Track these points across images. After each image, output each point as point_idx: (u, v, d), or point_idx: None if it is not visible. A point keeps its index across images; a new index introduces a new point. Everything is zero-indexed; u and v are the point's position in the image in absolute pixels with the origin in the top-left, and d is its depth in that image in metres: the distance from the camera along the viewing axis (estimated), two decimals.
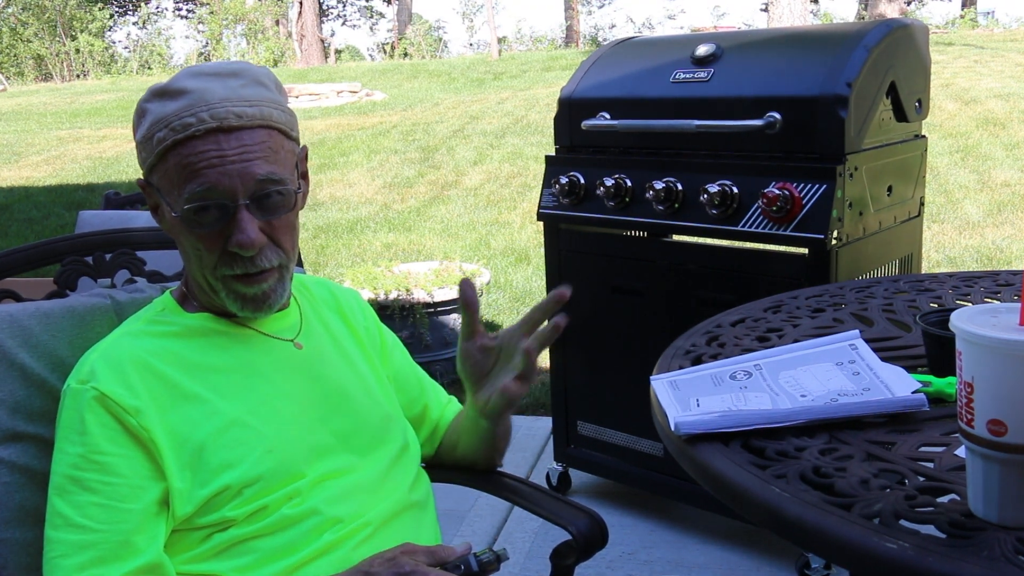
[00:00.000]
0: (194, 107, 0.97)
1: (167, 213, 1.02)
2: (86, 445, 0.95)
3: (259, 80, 1.02)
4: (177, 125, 0.97)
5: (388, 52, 24.61)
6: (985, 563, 0.63)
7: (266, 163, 0.99)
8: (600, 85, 2.24)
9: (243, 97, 0.99)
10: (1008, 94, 8.22)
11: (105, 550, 0.93)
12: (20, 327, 1.08)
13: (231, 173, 0.97)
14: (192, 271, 1.06)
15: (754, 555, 2.16)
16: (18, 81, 22.14)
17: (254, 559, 0.98)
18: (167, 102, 0.99)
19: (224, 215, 0.99)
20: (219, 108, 0.97)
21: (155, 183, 1.02)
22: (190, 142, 0.97)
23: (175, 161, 0.97)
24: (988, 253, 4.85)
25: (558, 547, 1.14)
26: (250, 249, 0.99)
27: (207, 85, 0.98)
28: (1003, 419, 0.65)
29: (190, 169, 0.97)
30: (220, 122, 0.97)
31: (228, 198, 0.98)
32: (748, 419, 0.88)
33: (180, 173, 0.97)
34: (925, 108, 2.15)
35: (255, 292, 1.04)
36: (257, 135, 0.99)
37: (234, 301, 1.04)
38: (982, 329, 0.65)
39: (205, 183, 0.97)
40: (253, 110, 0.99)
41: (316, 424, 1.07)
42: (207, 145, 0.97)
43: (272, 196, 1.00)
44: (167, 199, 1.00)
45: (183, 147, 0.97)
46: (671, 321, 2.10)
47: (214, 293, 1.05)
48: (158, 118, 0.98)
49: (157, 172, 1.01)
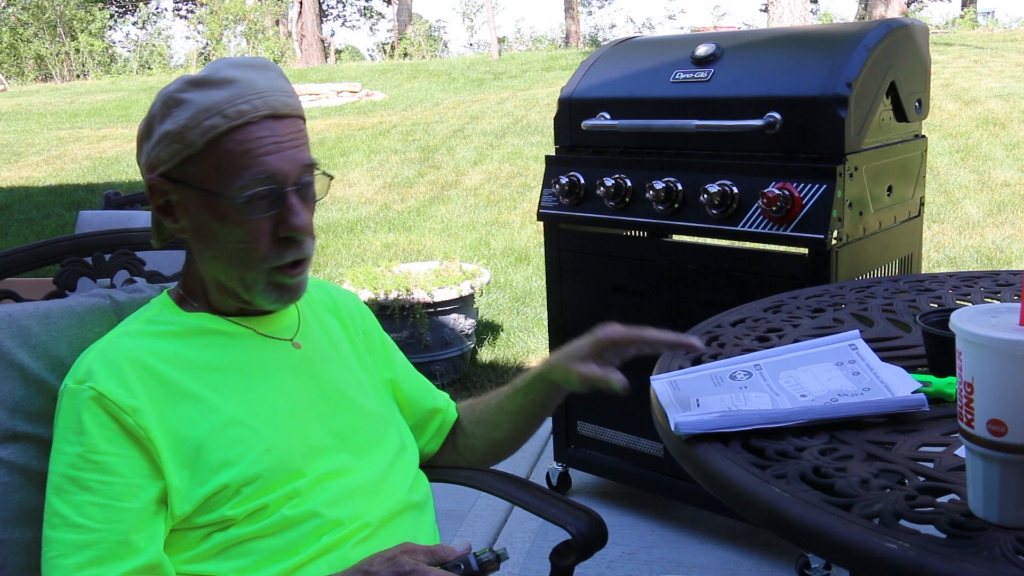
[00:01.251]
0: (246, 95, 0.97)
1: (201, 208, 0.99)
2: (84, 445, 0.95)
3: (283, 75, 1.05)
4: (231, 112, 0.96)
5: (388, 52, 24.62)
6: (985, 563, 0.63)
7: (306, 149, 1.03)
8: (600, 85, 2.24)
9: (281, 88, 1.01)
10: (1008, 94, 8.22)
11: (104, 549, 0.93)
12: (19, 327, 1.08)
13: (286, 158, 0.99)
14: (216, 271, 1.03)
15: (754, 555, 2.16)
16: (18, 81, 22.14)
17: (253, 560, 0.98)
18: (211, 91, 0.98)
19: (276, 203, 1.00)
20: (269, 96, 0.98)
21: (189, 177, 0.99)
22: (245, 128, 0.97)
23: (229, 148, 0.97)
24: (988, 253, 4.85)
25: (558, 547, 1.14)
26: (305, 232, 1.01)
27: (250, 75, 0.99)
28: (1003, 419, 0.65)
29: (249, 155, 0.97)
30: (273, 110, 0.98)
31: (280, 183, 0.99)
32: (748, 419, 0.88)
33: (236, 160, 0.97)
34: (925, 108, 2.15)
35: (295, 282, 1.05)
36: (297, 124, 1.02)
37: (270, 293, 1.04)
38: (982, 329, 0.65)
39: (265, 170, 0.97)
40: (292, 100, 1.02)
41: (314, 423, 1.07)
42: (262, 131, 0.97)
43: (311, 184, 1.03)
44: (211, 189, 0.98)
45: (238, 133, 0.97)
46: (671, 321, 2.10)
47: (247, 291, 1.03)
48: (205, 106, 0.97)
49: (197, 164, 0.98)
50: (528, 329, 4.07)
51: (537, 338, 3.93)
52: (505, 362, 3.70)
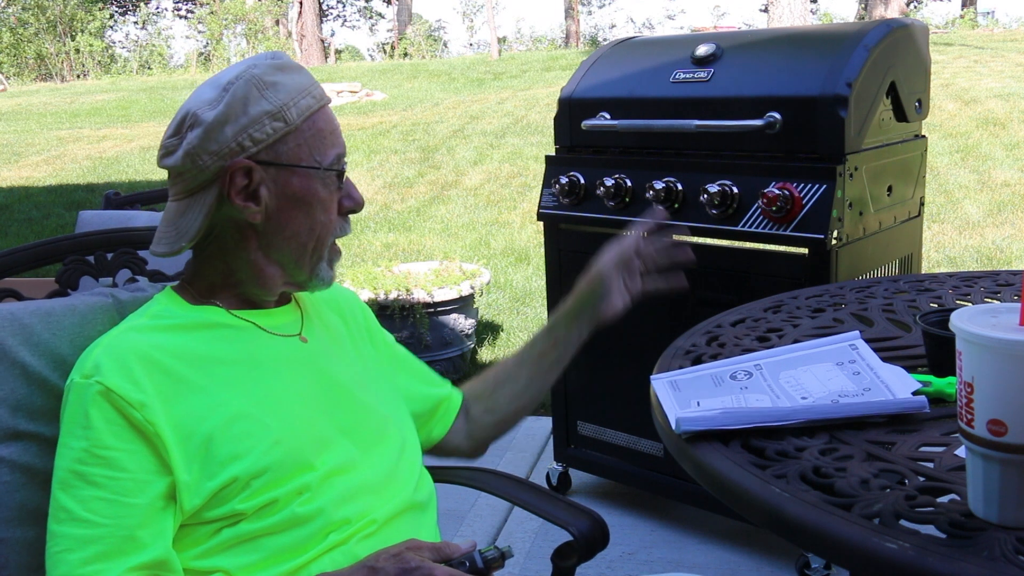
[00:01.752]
0: (314, 82, 1.07)
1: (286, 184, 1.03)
2: (90, 440, 0.95)
3: None
4: (317, 94, 1.05)
5: (388, 52, 24.63)
6: (985, 563, 0.63)
7: None
8: (600, 85, 2.24)
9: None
10: (1008, 94, 8.23)
11: (109, 545, 0.93)
12: (21, 325, 1.08)
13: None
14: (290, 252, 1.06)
15: (754, 555, 2.16)
16: (18, 81, 22.14)
17: (261, 557, 0.98)
18: (294, 75, 1.05)
19: (341, 178, 1.08)
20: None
21: (283, 155, 1.02)
22: (326, 109, 1.06)
23: (321, 126, 1.05)
24: (988, 253, 4.85)
25: (559, 547, 1.14)
26: (362, 207, 1.12)
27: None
28: (1003, 419, 0.65)
29: (335, 133, 1.07)
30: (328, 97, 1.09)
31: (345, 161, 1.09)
32: (749, 417, 0.89)
33: (326, 137, 1.05)
34: (925, 108, 2.15)
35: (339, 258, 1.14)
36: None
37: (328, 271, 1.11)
38: (982, 329, 0.65)
39: (342, 143, 1.08)
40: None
41: (321, 417, 1.07)
42: (330, 113, 1.08)
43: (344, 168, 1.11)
44: (304, 164, 1.04)
45: (324, 112, 1.06)
46: (671, 321, 2.10)
47: (311, 268, 1.09)
48: (299, 88, 1.04)
49: (291, 141, 1.03)
50: (528, 329, 4.08)
51: None
52: None
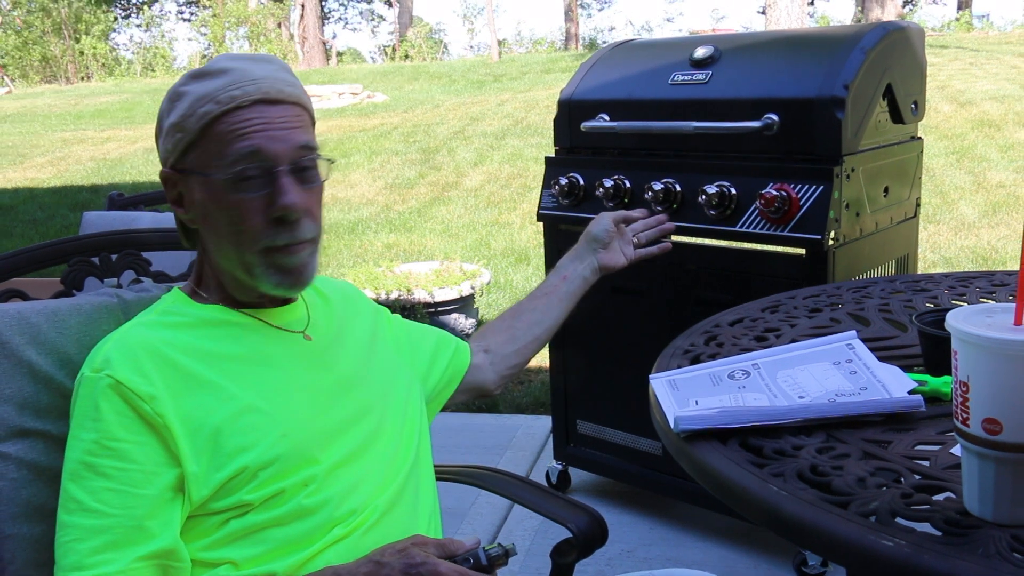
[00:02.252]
0: (238, 82, 1.01)
1: (200, 192, 1.03)
2: (100, 432, 0.96)
3: (287, 69, 1.08)
4: (224, 98, 1.00)
5: (389, 54, 24.62)
6: (980, 561, 0.64)
7: (304, 132, 1.04)
8: (599, 87, 2.25)
9: (279, 78, 1.04)
10: (1003, 96, 8.24)
11: (119, 534, 0.94)
12: (28, 324, 1.09)
13: (276, 138, 1.01)
14: (221, 257, 1.06)
15: (752, 553, 2.17)
16: (23, 83, 22.13)
17: (268, 549, 0.99)
18: (207, 81, 1.02)
19: (267, 182, 1.01)
20: (263, 83, 1.01)
21: (189, 164, 1.03)
22: (236, 112, 1.00)
23: (220, 130, 1.00)
24: (983, 253, 4.86)
25: (558, 545, 1.15)
26: (295, 212, 1.02)
27: (246, 65, 1.03)
28: (998, 418, 0.65)
29: (237, 134, 1.00)
30: (264, 94, 1.01)
31: (272, 162, 1.01)
32: (747, 415, 0.89)
33: (225, 140, 1.00)
34: (921, 110, 2.16)
35: (295, 263, 1.05)
36: (294, 110, 1.04)
37: (272, 276, 1.04)
38: (977, 329, 0.65)
39: (251, 145, 1.00)
40: (291, 89, 1.04)
41: (326, 412, 1.08)
42: (252, 114, 1.00)
43: (309, 167, 1.04)
44: (206, 173, 1.01)
45: (229, 116, 1.00)
46: (670, 321, 2.11)
47: (248, 275, 1.05)
48: (201, 95, 1.01)
49: (195, 150, 1.02)
50: None
51: None
52: None
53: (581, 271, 1.50)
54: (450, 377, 1.35)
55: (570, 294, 1.49)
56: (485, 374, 1.40)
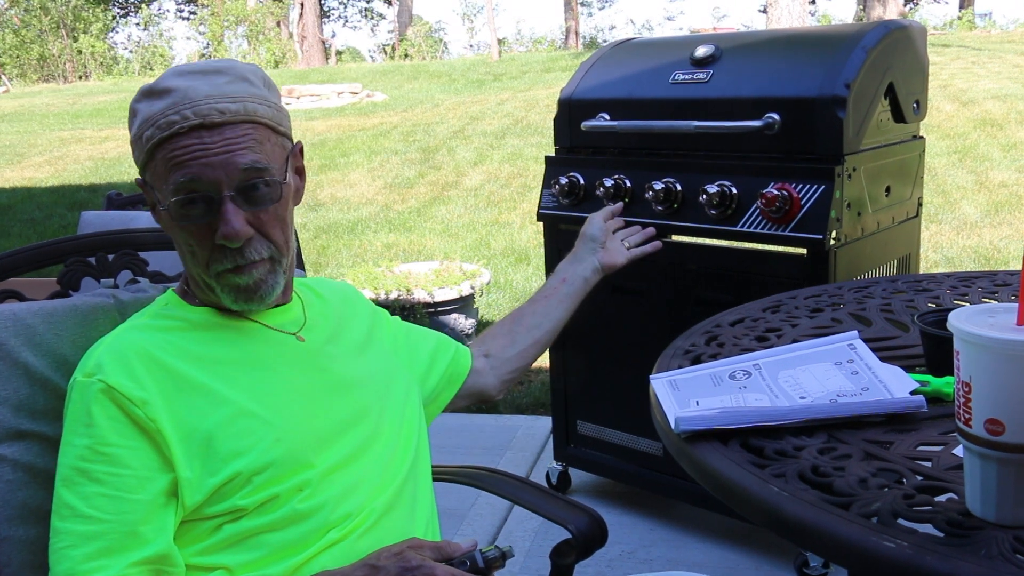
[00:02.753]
0: (178, 105, 0.99)
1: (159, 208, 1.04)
2: (93, 437, 0.96)
3: (244, 76, 1.03)
4: (163, 123, 0.99)
5: (389, 53, 24.64)
6: (983, 562, 0.63)
7: (251, 152, 1.00)
8: (600, 86, 2.24)
9: (226, 94, 1.00)
10: (1005, 95, 8.24)
11: (112, 540, 0.93)
12: (24, 325, 1.08)
13: (214, 164, 0.98)
14: (188, 268, 1.07)
15: (753, 554, 2.16)
16: (21, 82, 22.14)
17: (262, 554, 0.99)
18: (154, 102, 1.01)
19: (210, 208, 1.00)
20: (202, 105, 0.99)
21: (148, 181, 1.05)
22: (175, 139, 0.99)
23: (161, 156, 1.00)
24: (985, 253, 4.86)
25: (558, 545, 1.15)
26: (235, 240, 1.00)
27: (191, 83, 1.00)
28: (1000, 419, 0.65)
29: (174, 162, 0.99)
30: (203, 119, 0.98)
31: (213, 190, 0.99)
32: (748, 416, 0.89)
33: (166, 168, 1.00)
34: (923, 109, 2.16)
35: (247, 282, 1.04)
36: (240, 129, 1.00)
37: (228, 294, 1.05)
38: (980, 329, 0.65)
39: (188, 174, 0.98)
40: (236, 106, 1.00)
41: (321, 415, 1.08)
42: (190, 140, 0.98)
43: (258, 187, 1.01)
44: (157, 195, 1.03)
45: (169, 143, 0.99)
46: (671, 321, 2.11)
47: (210, 290, 1.06)
48: (146, 117, 1.01)
49: (148, 170, 1.03)
50: None
51: None
52: None
53: (581, 272, 1.53)
54: (449, 379, 1.34)
55: (570, 295, 1.51)
56: (486, 378, 1.40)
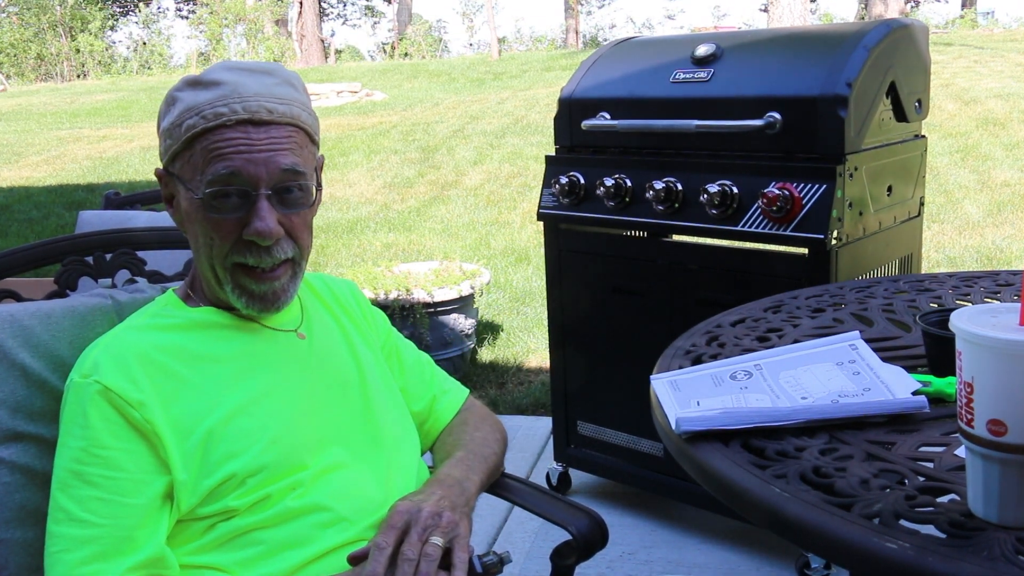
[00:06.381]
0: (227, 98, 0.99)
1: (183, 201, 1.03)
2: (88, 439, 0.95)
3: (290, 81, 1.05)
4: (209, 113, 0.99)
5: (388, 52, 24.64)
6: (985, 563, 0.63)
7: (292, 155, 1.01)
8: (600, 85, 2.24)
9: (275, 95, 1.01)
10: (1008, 94, 8.23)
11: (107, 545, 0.93)
12: (21, 327, 1.08)
13: (257, 161, 0.99)
14: (200, 262, 1.06)
15: (754, 555, 2.16)
16: (19, 81, 22.14)
17: (258, 552, 0.99)
18: (200, 91, 1.01)
19: (245, 203, 1.00)
20: (252, 102, 0.99)
21: (176, 171, 1.03)
22: (219, 130, 0.99)
23: (202, 147, 0.99)
24: (988, 253, 4.85)
25: (558, 547, 1.14)
26: (267, 238, 1.01)
27: (241, 79, 1.01)
28: (1003, 419, 0.65)
29: (216, 154, 0.99)
30: (252, 115, 0.99)
31: (251, 185, 1.00)
32: (749, 417, 0.88)
33: (205, 158, 0.99)
34: (925, 108, 2.15)
35: (265, 290, 1.04)
36: (284, 131, 1.01)
37: (239, 297, 1.05)
38: (982, 329, 0.65)
39: (230, 167, 0.99)
40: (284, 108, 1.02)
41: (318, 415, 1.07)
42: (236, 134, 0.99)
43: (293, 190, 1.02)
44: (188, 185, 1.01)
45: (212, 134, 0.99)
46: (671, 321, 2.10)
47: (219, 286, 1.05)
48: (190, 106, 1.00)
49: (181, 159, 1.02)
50: (528, 329, 4.08)
51: (537, 338, 3.93)
52: (505, 362, 3.71)
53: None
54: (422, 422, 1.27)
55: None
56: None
